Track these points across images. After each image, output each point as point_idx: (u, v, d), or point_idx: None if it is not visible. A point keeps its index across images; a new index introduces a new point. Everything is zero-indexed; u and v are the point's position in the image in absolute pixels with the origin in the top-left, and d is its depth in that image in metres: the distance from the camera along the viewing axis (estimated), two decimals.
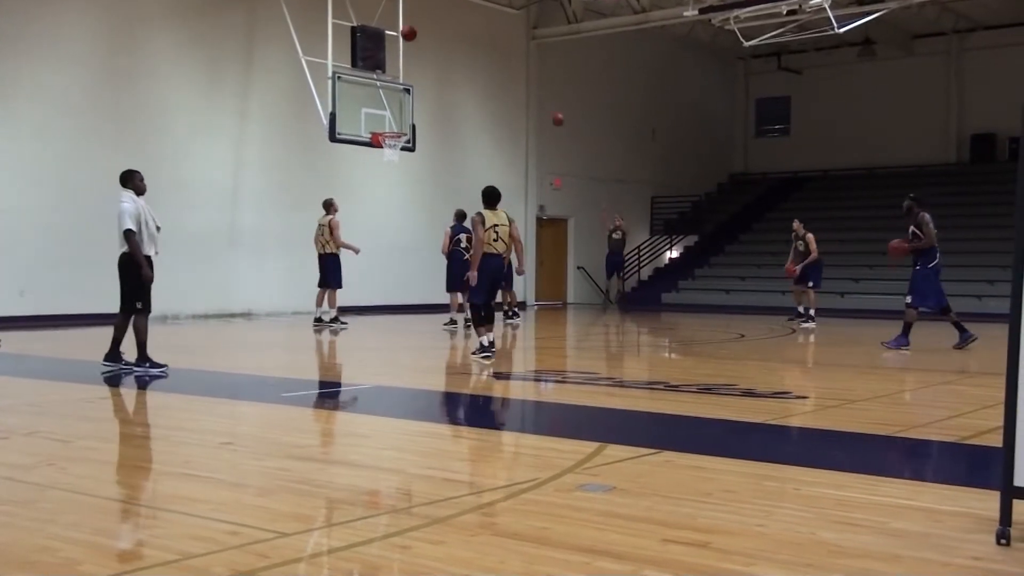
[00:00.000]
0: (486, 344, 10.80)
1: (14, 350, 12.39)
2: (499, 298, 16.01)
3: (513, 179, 24.75)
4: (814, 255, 17.18)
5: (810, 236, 17.31)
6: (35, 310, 16.10)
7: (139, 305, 9.31)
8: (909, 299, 12.43)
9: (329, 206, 16.28)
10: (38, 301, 16.18)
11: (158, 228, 9.41)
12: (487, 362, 10.56)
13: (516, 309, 17.32)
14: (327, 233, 16.10)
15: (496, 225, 10.83)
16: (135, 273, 9.18)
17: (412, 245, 21.14)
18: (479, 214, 10.95)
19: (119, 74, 17.40)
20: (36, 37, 16.31)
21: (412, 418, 7.76)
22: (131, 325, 9.37)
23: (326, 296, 16.23)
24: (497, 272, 10.92)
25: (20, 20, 16.07)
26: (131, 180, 9.36)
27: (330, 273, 16.11)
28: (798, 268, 17.24)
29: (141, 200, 9.30)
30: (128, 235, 9.12)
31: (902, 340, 12.44)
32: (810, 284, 17.34)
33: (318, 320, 16.21)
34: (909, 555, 3.76)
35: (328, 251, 16.09)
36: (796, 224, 17.67)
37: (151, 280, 9.23)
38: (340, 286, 16.24)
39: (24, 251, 16.05)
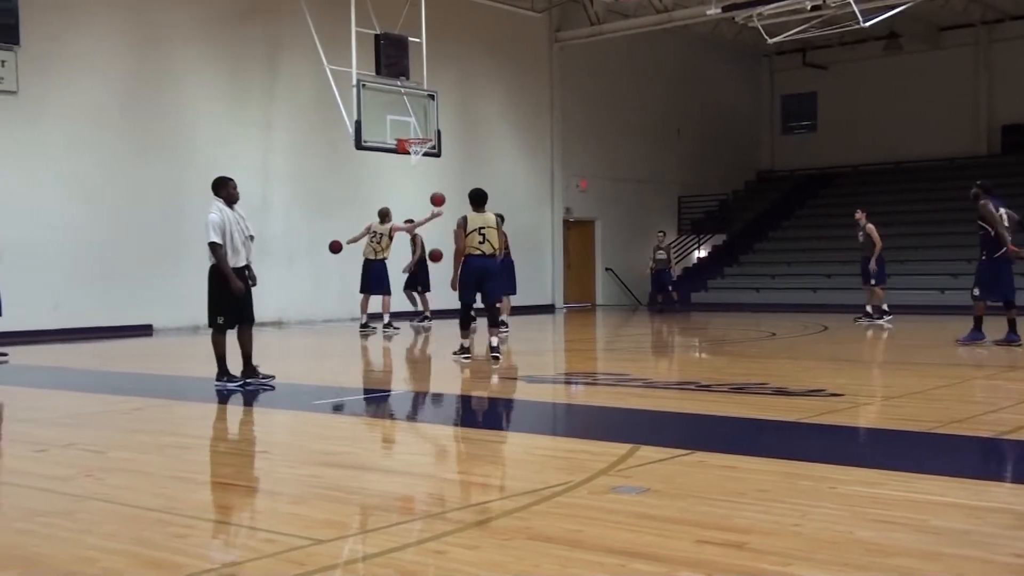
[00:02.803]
0: (466, 346, 11.12)
1: (49, 363, 12.54)
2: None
3: (539, 182, 24.77)
4: (877, 248, 16.56)
5: (871, 227, 16.67)
6: (69, 323, 16.28)
7: (220, 320, 8.97)
8: (976, 291, 12.16)
9: (386, 215, 16.35)
10: (72, 314, 16.36)
11: (251, 237, 9.09)
12: (466, 363, 10.91)
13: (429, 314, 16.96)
14: (384, 241, 16.14)
15: (482, 227, 10.96)
16: (219, 287, 8.82)
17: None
18: (462, 217, 11.12)
19: (147, 88, 17.57)
20: (64, 55, 16.50)
21: (443, 423, 7.78)
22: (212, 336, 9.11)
23: (381, 302, 16.30)
24: (483, 272, 11.00)
25: (49, 40, 16.25)
26: (223, 188, 8.96)
27: (376, 280, 16.16)
28: (873, 266, 16.66)
29: (229, 210, 8.91)
30: (212, 248, 8.75)
31: (976, 335, 12.08)
32: (872, 282, 16.94)
33: (364, 326, 16.26)
34: (949, 552, 3.71)
35: (379, 258, 16.15)
36: (858, 214, 17.10)
37: (241, 293, 8.83)
38: (390, 292, 16.31)
39: (57, 265, 16.24)
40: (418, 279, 17.25)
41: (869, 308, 17.17)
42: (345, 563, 3.79)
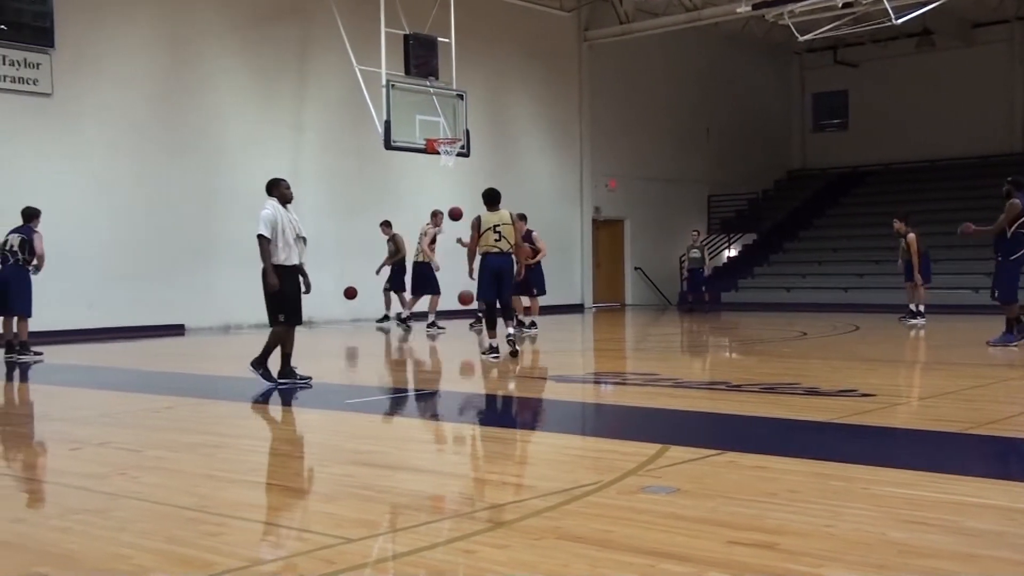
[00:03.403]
0: (494, 346, 11.15)
1: (84, 362, 12.68)
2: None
3: (568, 181, 24.74)
4: (914, 257, 16.68)
5: (912, 236, 16.75)
6: (102, 323, 16.46)
7: (281, 317, 8.97)
8: (996, 293, 12.07)
9: (434, 216, 16.41)
10: (105, 314, 16.55)
11: (304, 238, 9.11)
12: (495, 362, 10.94)
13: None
14: (424, 241, 16.26)
15: (497, 225, 11.07)
16: (267, 283, 8.85)
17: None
18: (476, 217, 11.26)
19: (178, 90, 17.74)
20: (98, 58, 16.70)
21: (472, 422, 7.79)
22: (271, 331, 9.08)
23: (428, 301, 16.45)
24: (502, 270, 11.10)
25: (82, 42, 16.46)
26: (276, 188, 9.04)
27: (414, 280, 16.32)
28: (918, 277, 16.72)
29: (283, 209, 8.98)
30: (259, 240, 8.79)
31: (1008, 337, 11.90)
32: (919, 280, 16.93)
33: (405, 319, 16.40)
34: (984, 554, 3.68)
35: (420, 259, 16.22)
36: (897, 224, 17.17)
37: (276, 288, 8.81)
38: (437, 292, 16.38)
39: (91, 265, 16.42)
40: (394, 281, 17.46)
41: (912, 306, 17.11)
42: (375, 562, 3.80)
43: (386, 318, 17.72)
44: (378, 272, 17.52)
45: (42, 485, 5.54)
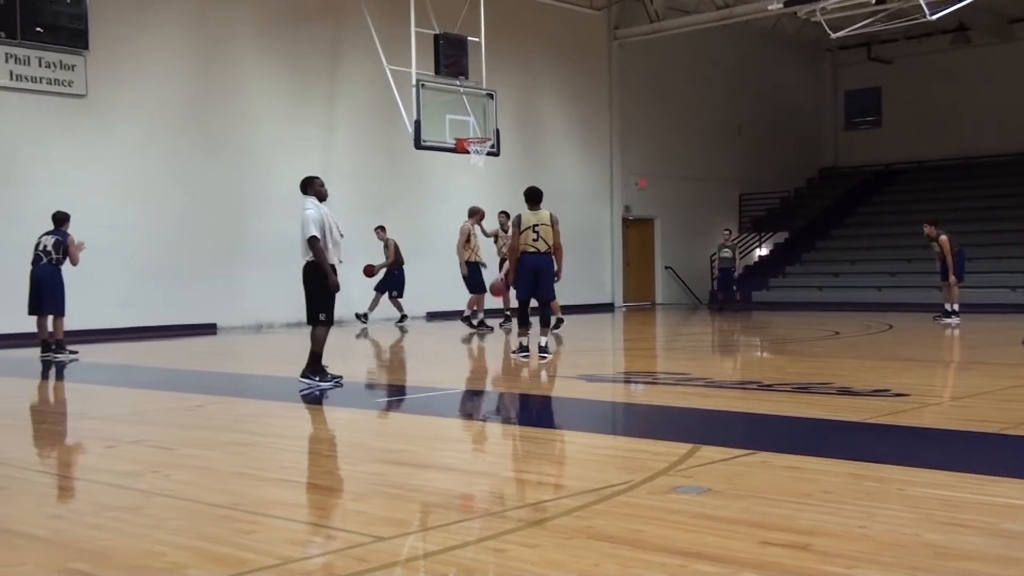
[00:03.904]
0: (524, 344, 11.16)
1: (117, 360, 12.81)
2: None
3: (598, 180, 24.68)
4: (948, 258, 16.70)
5: (944, 238, 16.78)
6: (136, 322, 16.62)
7: (323, 317, 8.88)
8: None
9: (471, 213, 16.29)
10: (138, 313, 16.71)
11: (341, 235, 9.04)
12: (524, 361, 10.92)
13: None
14: (472, 241, 16.14)
15: (537, 225, 11.07)
16: (320, 282, 8.76)
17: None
18: (517, 215, 11.29)
19: (210, 90, 17.88)
20: (131, 59, 16.87)
21: (503, 421, 7.79)
22: (310, 333, 8.99)
23: (473, 300, 16.33)
24: (539, 269, 11.07)
25: (116, 44, 16.63)
26: (311, 186, 8.95)
27: (466, 280, 16.17)
28: (952, 279, 16.79)
29: (324, 206, 8.95)
30: (312, 242, 8.64)
31: None
32: (955, 282, 16.88)
33: (480, 324, 16.15)
34: (1022, 557, 3.62)
35: (466, 259, 16.07)
36: (927, 228, 17.15)
37: (338, 288, 8.82)
38: (476, 291, 16.17)
39: (124, 265, 16.58)
40: (390, 283, 17.46)
41: (947, 306, 16.99)
42: (406, 560, 3.81)
43: (404, 317, 17.77)
44: (373, 275, 17.63)
45: (77, 482, 5.61)
